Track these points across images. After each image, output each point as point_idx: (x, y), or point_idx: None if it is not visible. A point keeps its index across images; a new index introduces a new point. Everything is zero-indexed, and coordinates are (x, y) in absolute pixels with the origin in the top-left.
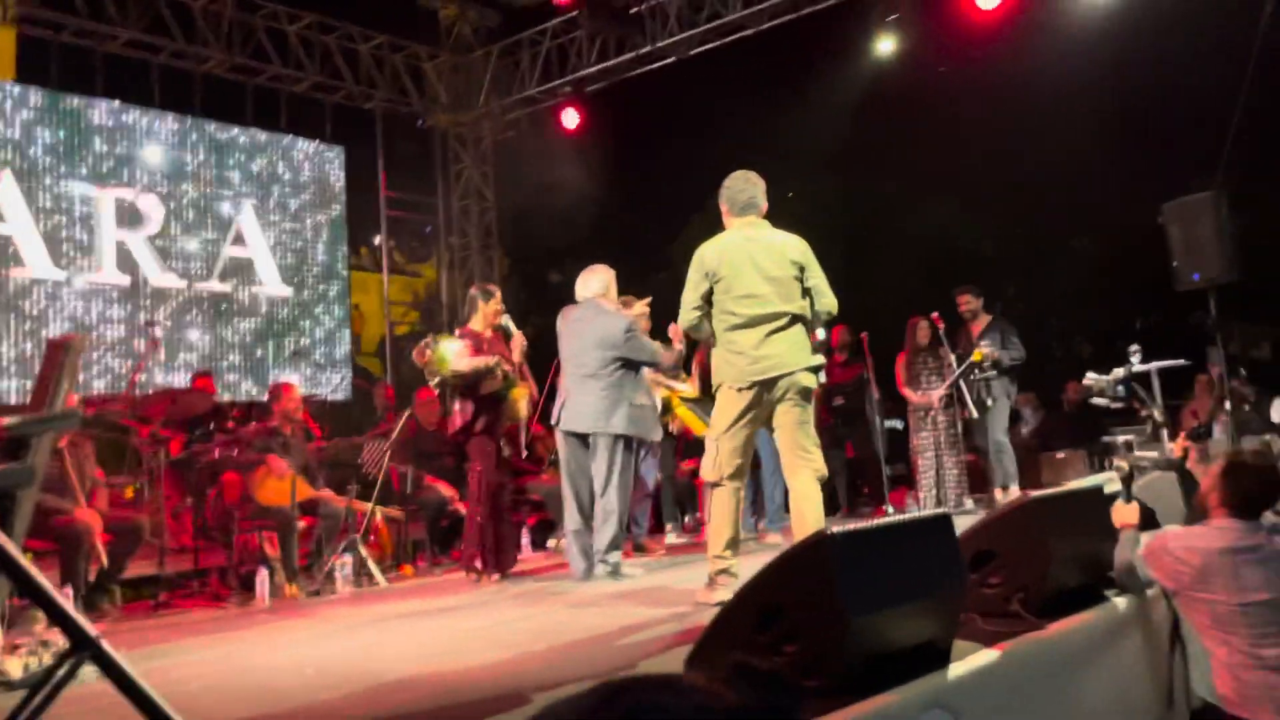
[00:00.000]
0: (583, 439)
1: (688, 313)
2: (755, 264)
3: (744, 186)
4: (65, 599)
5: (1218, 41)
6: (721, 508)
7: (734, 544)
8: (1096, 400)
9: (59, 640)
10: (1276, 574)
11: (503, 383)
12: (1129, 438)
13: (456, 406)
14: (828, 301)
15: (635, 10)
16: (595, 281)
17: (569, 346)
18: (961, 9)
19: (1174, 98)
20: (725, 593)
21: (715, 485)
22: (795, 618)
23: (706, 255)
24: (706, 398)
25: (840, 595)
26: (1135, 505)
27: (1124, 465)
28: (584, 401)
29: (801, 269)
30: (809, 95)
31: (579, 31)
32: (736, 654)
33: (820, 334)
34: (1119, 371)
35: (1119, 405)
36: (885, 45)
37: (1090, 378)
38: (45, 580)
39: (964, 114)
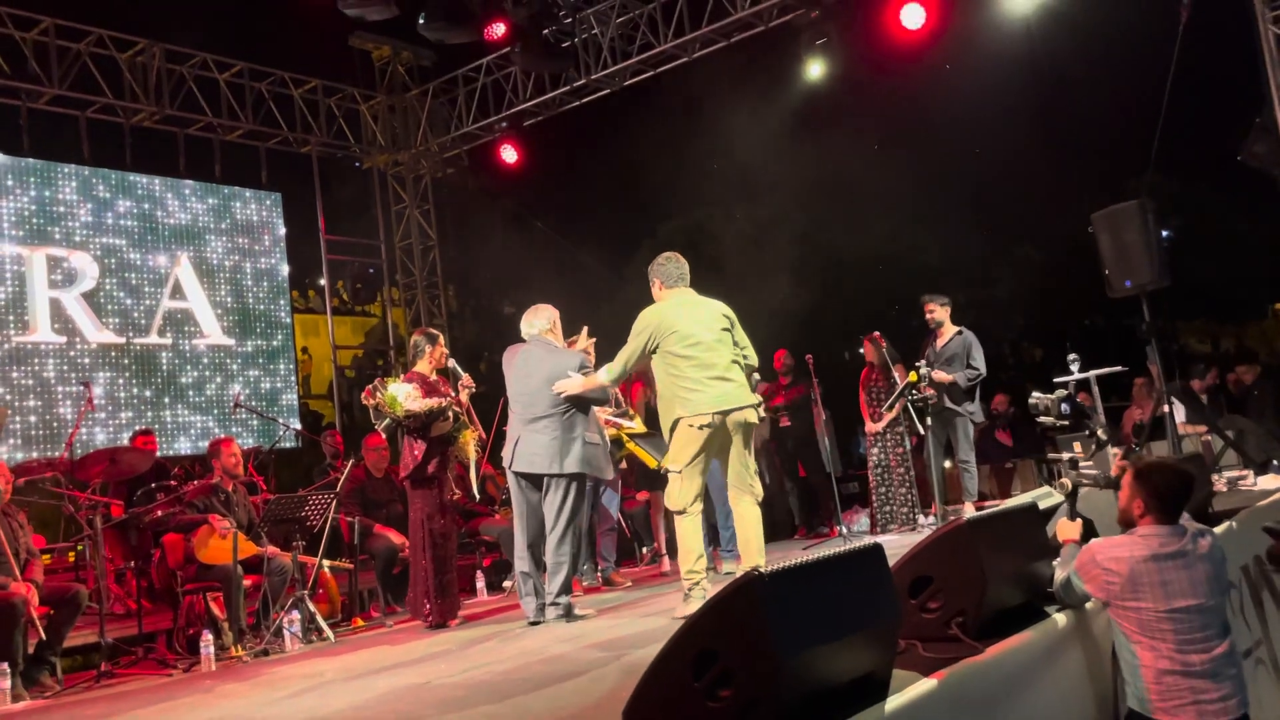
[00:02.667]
0: (534, 479)
1: (619, 367)
2: (697, 319)
3: (677, 266)
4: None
5: (1138, 47)
6: (689, 532)
7: (702, 561)
8: (1042, 419)
9: None
10: (1203, 579)
11: (453, 425)
12: (1072, 455)
13: (407, 448)
14: (751, 358)
15: (568, 44)
16: (541, 319)
17: (519, 385)
18: (887, 30)
19: (1103, 103)
20: (698, 603)
21: (680, 513)
22: (729, 662)
23: (650, 316)
24: (653, 432)
25: (772, 636)
26: (1079, 521)
27: (1067, 482)
28: (537, 441)
29: (731, 325)
30: (745, 119)
31: (513, 67)
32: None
33: (756, 376)
34: (1062, 390)
35: (1064, 423)
36: (815, 69)
37: (1035, 396)
38: None
39: (899, 131)
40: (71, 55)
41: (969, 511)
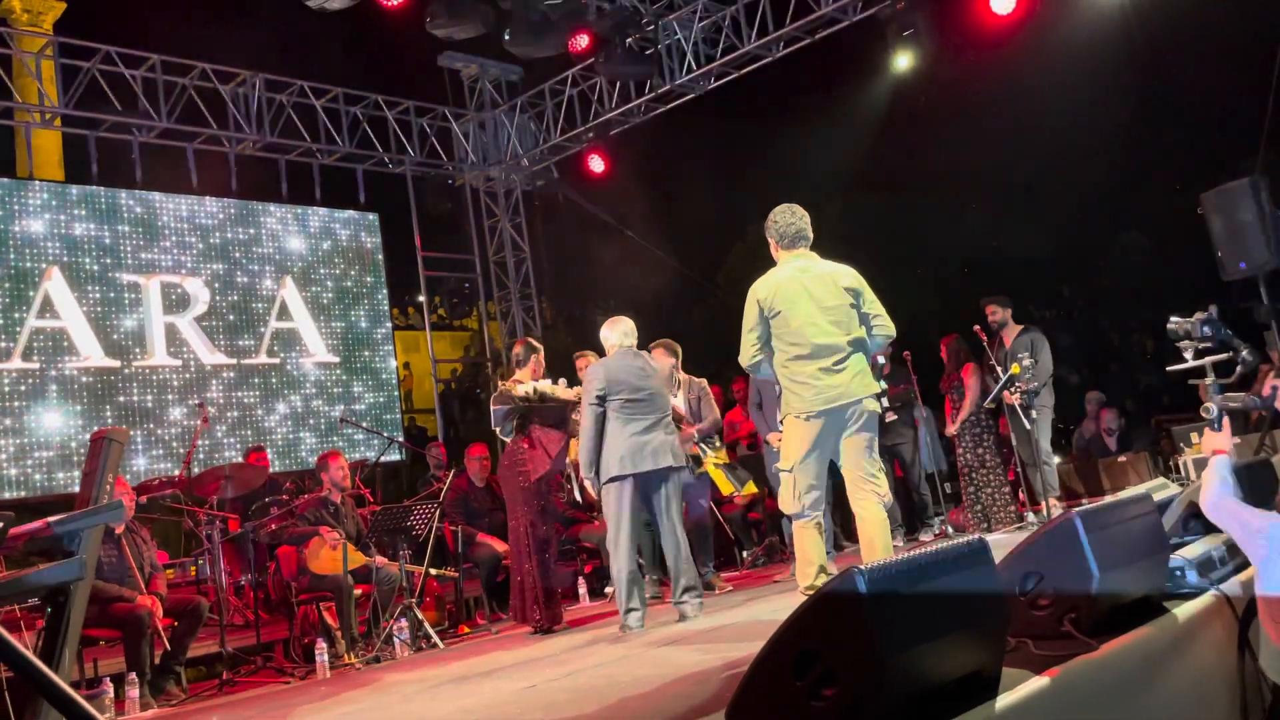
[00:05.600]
0: (646, 482)
1: (748, 351)
2: (811, 296)
3: (791, 219)
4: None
5: (1242, 19)
6: (806, 540)
7: (823, 572)
8: (1182, 344)
9: None
10: None
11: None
12: (1215, 380)
13: (539, 448)
14: (886, 327)
15: (651, 50)
16: (630, 330)
17: (644, 387)
18: (976, 16)
19: (1207, 80)
20: None
21: (798, 517)
22: (831, 661)
23: (760, 292)
24: (734, 464)
25: (873, 634)
26: (1226, 432)
27: (1212, 407)
28: (659, 440)
29: (856, 296)
30: (834, 116)
31: (598, 77)
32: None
33: (880, 359)
34: (1201, 313)
35: (1206, 345)
36: (903, 60)
37: (1174, 321)
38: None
39: (994, 120)
40: (177, 90)
41: (1054, 506)
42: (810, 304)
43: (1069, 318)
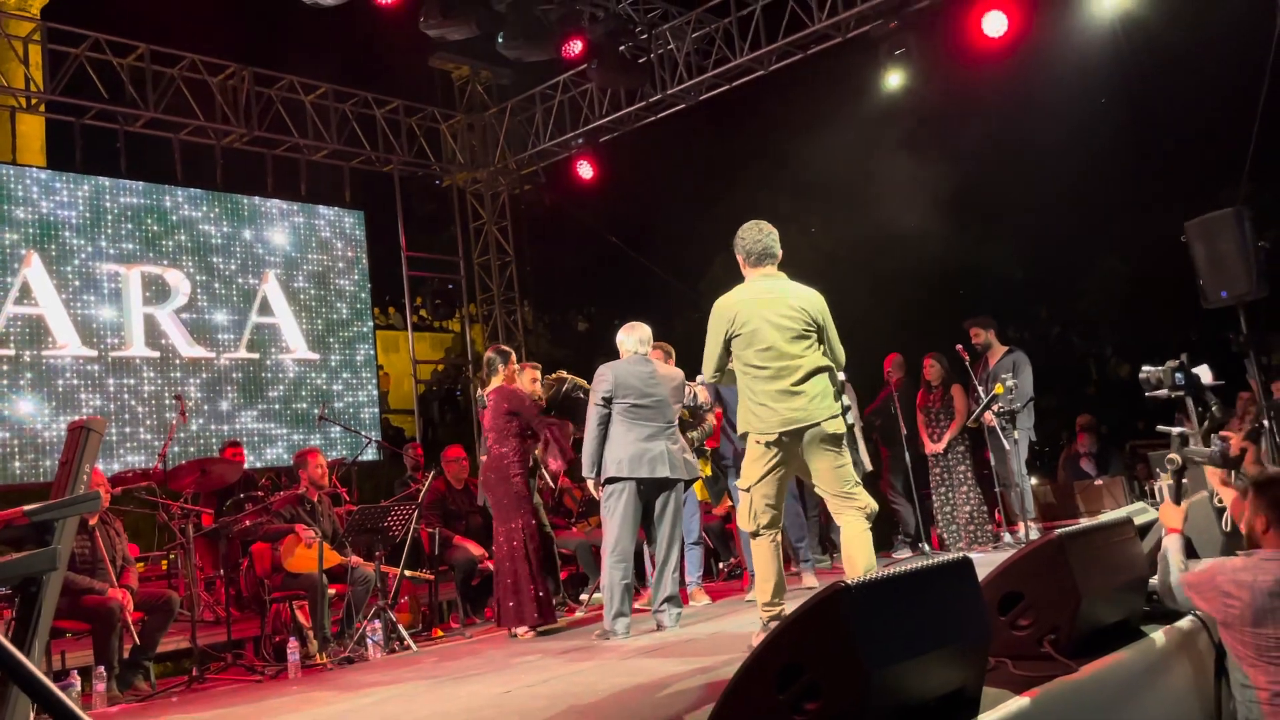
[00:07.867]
0: (652, 487)
1: (710, 366)
2: (771, 320)
3: (759, 237)
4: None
5: (1231, 51)
6: (763, 557)
7: (780, 589)
8: (1155, 394)
9: None
10: None
11: None
12: (1183, 430)
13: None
14: (838, 356)
15: (644, 60)
16: (647, 335)
17: (651, 394)
18: (968, 38)
19: (1194, 110)
20: None
21: (754, 535)
22: (815, 674)
23: (724, 309)
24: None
25: (858, 649)
26: (1183, 507)
27: (1176, 459)
28: (668, 449)
29: (817, 321)
30: (821, 132)
31: (590, 84)
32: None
33: (841, 376)
34: (1173, 361)
35: (1178, 394)
36: (894, 79)
37: (1146, 370)
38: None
39: (980, 142)
40: (165, 80)
41: (1031, 528)
42: (771, 328)
43: (1045, 340)
